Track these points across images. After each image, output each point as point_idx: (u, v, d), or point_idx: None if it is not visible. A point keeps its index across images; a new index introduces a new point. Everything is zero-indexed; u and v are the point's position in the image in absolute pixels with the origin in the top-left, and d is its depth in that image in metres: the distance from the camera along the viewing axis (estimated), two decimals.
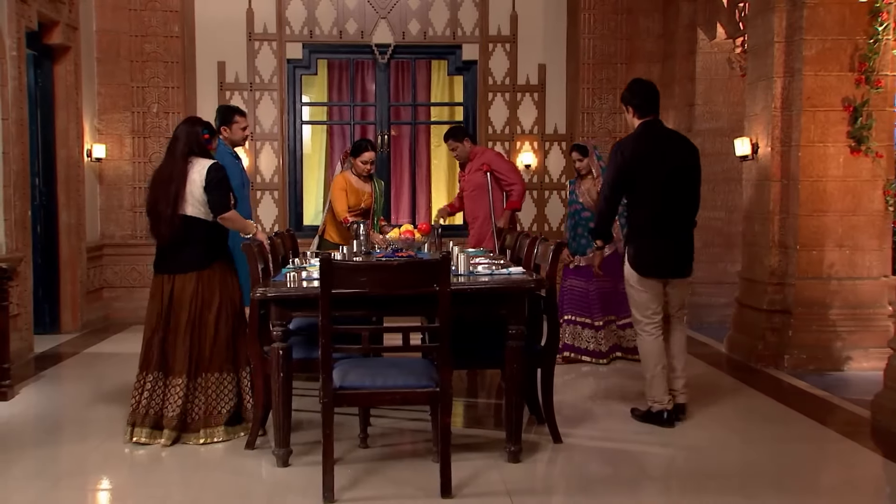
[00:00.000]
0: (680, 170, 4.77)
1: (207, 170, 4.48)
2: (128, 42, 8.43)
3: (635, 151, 4.70)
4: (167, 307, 4.47)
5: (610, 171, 4.78)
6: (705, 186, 8.05)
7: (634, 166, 4.68)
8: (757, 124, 6.56)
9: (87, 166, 8.14)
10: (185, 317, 4.45)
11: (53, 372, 6.30)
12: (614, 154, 4.77)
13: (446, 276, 3.68)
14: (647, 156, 4.70)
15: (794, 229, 6.24)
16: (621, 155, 4.72)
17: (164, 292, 4.48)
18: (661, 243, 4.73)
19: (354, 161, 6.34)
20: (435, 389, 3.76)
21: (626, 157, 4.69)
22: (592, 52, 8.70)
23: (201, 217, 4.49)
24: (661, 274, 4.76)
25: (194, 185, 4.46)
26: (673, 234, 4.75)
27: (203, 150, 4.60)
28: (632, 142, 4.77)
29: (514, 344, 4.04)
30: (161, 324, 4.46)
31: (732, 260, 7.96)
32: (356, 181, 6.35)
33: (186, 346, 4.43)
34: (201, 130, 4.63)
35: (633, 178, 4.70)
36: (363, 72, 9.52)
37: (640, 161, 4.68)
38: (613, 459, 4.28)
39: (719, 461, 4.25)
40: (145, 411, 4.44)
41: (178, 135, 4.58)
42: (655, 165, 4.69)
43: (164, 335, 4.46)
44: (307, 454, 4.22)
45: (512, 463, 4.10)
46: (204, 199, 4.46)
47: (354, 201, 6.31)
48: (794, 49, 6.19)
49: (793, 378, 5.95)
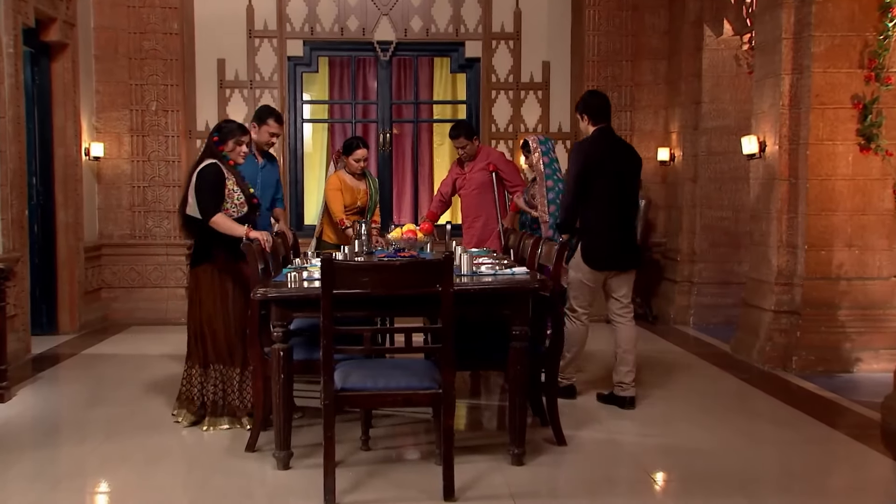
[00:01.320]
0: (627, 173, 5.35)
1: (197, 172, 4.71)
2: (126, 39, 8.45)
3: (594, 152, 5.24)
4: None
5: (574, 168, 5.24)
6: (712, 185, 8.21)
7: (592, 166, 5.19)
8: (764, 122, 6.57)
9: (85, 165, 8.16)
10: (190, 309, 4.80)
11: (51, 373, 6.31)
12: (577, 153, 5.30)
13: (449, 276, 3.69)
14: (603, 157, 5.23)
15: (803, 229, 6.24)
16: (584, 155, 5.23)
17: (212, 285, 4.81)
18: (614, 238, 5.20)
19: (347, 160, 6.41)
20: (438, 391, 3.77)
21: (588, 156, 5.22)
22: (597, 49, 8.70)
23: (197, 216, 4.70)
24: (612, 267, 5.23)
25: (191, 185, 4.71)
26: (622, 229, 5.27)
27: (214, 153, 4.78)
28: (590, 144, 5.31)
29: (517, 345, 4.05)
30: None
31: (739, 260, 7.97)
32: (350, 180, 6.41)
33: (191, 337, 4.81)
34: (213, 133, 4.84)
35: (592, 177, 5.18)
36: (365, 69, 9.53)
37: (597, 162, 5.20)
38: (618, 462, 4.29)
39: (726, 464, 4.26)
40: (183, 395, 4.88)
41: None
42: (609, 167, 5.23)
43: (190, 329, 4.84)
44: (308, 456, 4.23)
45: (516, 466, 4.11)
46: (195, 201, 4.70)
47: (350, 200, 6.35)
48: (803, 45, 6.20)
49: (801, 380, 5.95)
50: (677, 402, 5.45)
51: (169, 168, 8.54)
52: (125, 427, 4.83)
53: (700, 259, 8.31)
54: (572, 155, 5.35)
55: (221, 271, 4.74)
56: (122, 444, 4.52)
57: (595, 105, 5.36)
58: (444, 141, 9.90)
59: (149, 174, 8.57)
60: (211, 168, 4.70)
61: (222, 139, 4.82)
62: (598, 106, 5.36)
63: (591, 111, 5.34)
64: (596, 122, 5.33)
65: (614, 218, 5.22)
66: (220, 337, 4.71)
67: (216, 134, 4.84)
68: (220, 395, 4.74)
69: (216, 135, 4.84)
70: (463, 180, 6.93)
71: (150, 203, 8.57)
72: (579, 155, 5.25)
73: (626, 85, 8.76)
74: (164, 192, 8.56)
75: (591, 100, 5.41)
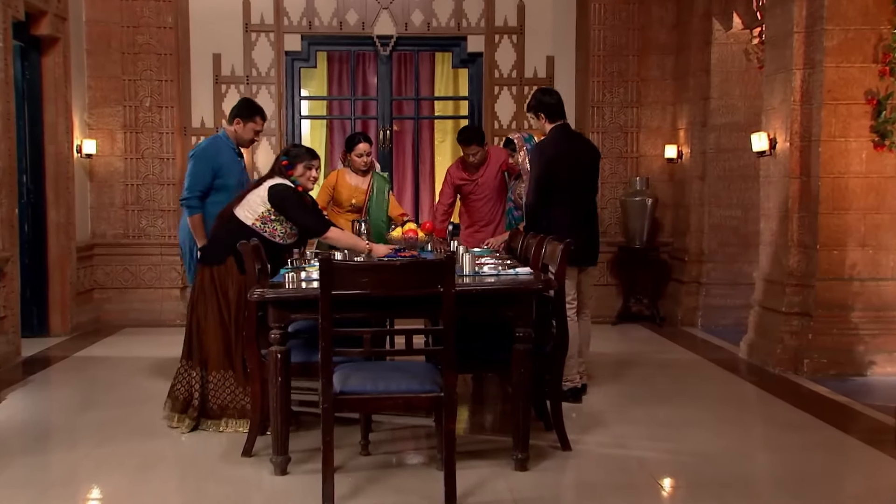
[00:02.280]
0: (590, 168, 5.60)
1: (269, 190, 4.74)
2: (119, 33, 8.45)
3: (555, 151, 5.40)
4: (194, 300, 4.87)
5: (537, 168, 5.40)
6: (721, 183, 8.20)
7: (557, 165, 5.36)
8: (775, 118, 6.56)
9: (77, 162, 8.16)
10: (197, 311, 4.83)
11: (42, 377, 6.31)
12: (539, 154, 5.45)
13: (451, 276, 3.68)
14: (567, 155, 5.42)
15: (815, 228, 6.23)
16: (546, 155, 5.40)
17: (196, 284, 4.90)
18: (582, 234, 5.34)
19: (350, 156, 6.42)
20: (439, 394, 3.76)
21: (551, 155, 5.38)
22: (603, 43, 8.69)
23: (242, 219, 4.75)
24: (580, 262, 5.42)
25: (256, 194, 4.77)
26: (589, 224, 5.54)
27: (283, 174, 4.85)
28: (552, 143, 5.46)
29: (521, 347, 4.04)
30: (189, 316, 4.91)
31: (749, 260, 7.96)
32: (352, 177, 6.44)
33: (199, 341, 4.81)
34: (282, 157, 4.90)
35: (555, 176, 5.35)
36: (364, 65, 9.54)
37: (561, 160, 5.38)
38: (625, 467, 4.28)
39: (736, 470, 4.24)
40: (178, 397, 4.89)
41: None
42: (573, 164, 5.44)
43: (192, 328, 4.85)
44: (306, 462, 4.22)
45: (519, 471, 4.10)
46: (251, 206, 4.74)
47: (346, 197, 6.36)
48: (815, 39, 6.18)
49: (813, 383, 5.94)
50: (685, 405, 5.44)
51: (163, 165, 8.54)
52: (118, 432, 4.82)
53: (708, 259, 8.30)
54: (533, 156, 5.49)
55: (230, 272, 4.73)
56: (114, 450, 4.52)
57: (550, 103, 5.53)
58: (446, 138, 9.91)
59: (143, 172, 8.57)
60: (286, 187, 4.77)
61: (291, 163, 4.85)
62: (553, 103, 5.53)
63: (546, 109, 5.51)
64: (553, 119, 5.51)
65: (582, 213, 5.47)
66: (220, 337, 4.71)
67: (285, 158, 4.88)
68: (217, 398, 4.73)
69: (285, 159, 4.87)
70: (473, 186, 6.77)
71: (144, 202, 8.58)
72: (540, 156, 5.41)
73: (632, 80, 8.76)
74: (159, 190, 8.56)
75: (545, 98, 5.56)
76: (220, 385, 4.74)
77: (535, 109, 5.59)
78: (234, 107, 5.63)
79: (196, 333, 4.76)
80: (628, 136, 8.83)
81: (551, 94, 5.62)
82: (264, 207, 4.73)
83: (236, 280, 4.68)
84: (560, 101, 5.58)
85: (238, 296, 4.68)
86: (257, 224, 4.73)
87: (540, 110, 5.54)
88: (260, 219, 4.74)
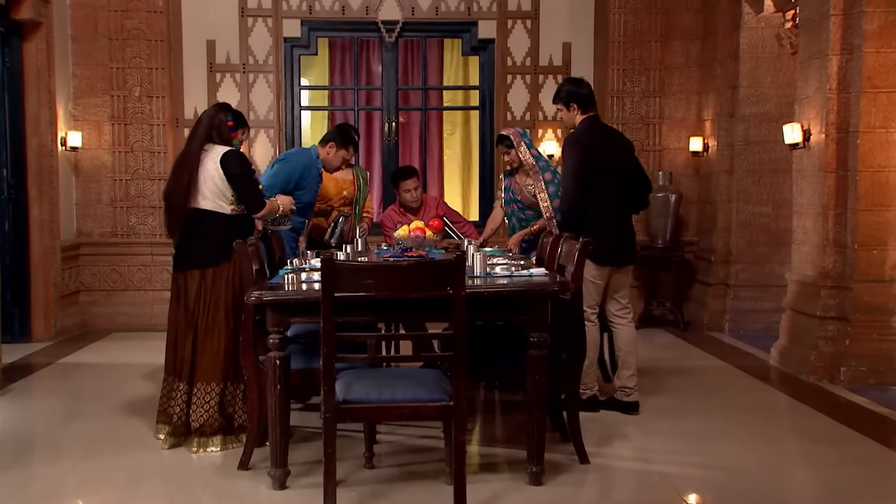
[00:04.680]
0: (627, 161, 5.54)
1: (221, 158, 4.66)
2: (106, 18, 8.47)
3: (592, 143, 5.37)
4: (184, 307, 4.70)
5: (574, 162, 5.34)
6: (750, 178, 8.18)
7: (596, 157, 5.34)
8: (809, 108, 6.53)
9: (62, 156, 8.19)
10: (192, 317, 4.67)
11: (23, 385, 6.32)
12: (572, 147, 5.38)
13: (461, 278, 3.68)
14: (604, 147, 5.41)
15: (852, 226, 6.21)
16: (584, 147, 5.34)
17: (181, 291, 4.72)
18: (618, 231, 5.44)
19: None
20: (448, 403, 3.76)
21: (589, 147, 5.34)
22: (623, 28, 8.68)
23: (218, 210, 4.68)
24: (617, 261, 5.45)
25: (207, 173, 4.66)
26: (623, 221, 5.54)
27: (224, 137, 4.78)
28: (587, 135, 5.43)
29: (535, 353, 4.04)
30: (176, 327, 4.72)
31: (781, 261, 7.94)
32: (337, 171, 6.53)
33: (189, 349, 4.67)
34: (226, 117, 4.82)
35: (595, 170, 5.32)
36: (368, 52, 9.54)
37: (599, 152, 5.36)
38: (647, 483, 4.27)
39: (766, 486, 4.23)
40: (168, 416, 4.74)
41: (200, 119, 4.85)
42: (611, 155, 5.42)
43: (179, 339, 4.71)
44: (307, 475, 4.22)
45: (534, 485, 4.10)
46: (219, 191, 4.67)
47: (336, 191, 6.43)
48: (854, 23, 6.16)
49: (850, 393, 5.92)
50: (712, 416, 5.43)
51: (154, 159, 8.56)
52: (105, 444, 4.82)
53: (737, 259, 8.28)
54: (568, 150, 5.43)
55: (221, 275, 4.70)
56: (101, 464, 4.52)
57: (583, 94, 5.50)
58: (455, 130, 9.91)
59: (132, 166, 8.59)
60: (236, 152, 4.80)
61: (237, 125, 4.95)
62: (587, 94, 5.51)
63: (580, 100, 5.48)
64: (586, 110, 5.49)
65: (616, 210, 5.45)
66: (224, 345, 4.68)
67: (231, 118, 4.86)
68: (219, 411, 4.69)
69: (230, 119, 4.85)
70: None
71: (134, 198, 8.60)
72: (577, 149, 5.35)
73: (654, 68, 8.74)
74: (149, 185, 8.58)
75: (578, 88, 5.53)
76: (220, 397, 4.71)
77: (565, 100, 5.53)
78: (332, 131, 6.18)
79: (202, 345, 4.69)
80: (650, 127, 8.81)
81: (583, 84, 5.58)
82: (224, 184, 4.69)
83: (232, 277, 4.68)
84: (592, 91, 5.57)
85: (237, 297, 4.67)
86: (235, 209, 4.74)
87: (573, 101, 5.49)
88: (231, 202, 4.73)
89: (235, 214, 4.74)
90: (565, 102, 5.53)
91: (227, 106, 4.96)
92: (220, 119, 4.80)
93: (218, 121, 4.79)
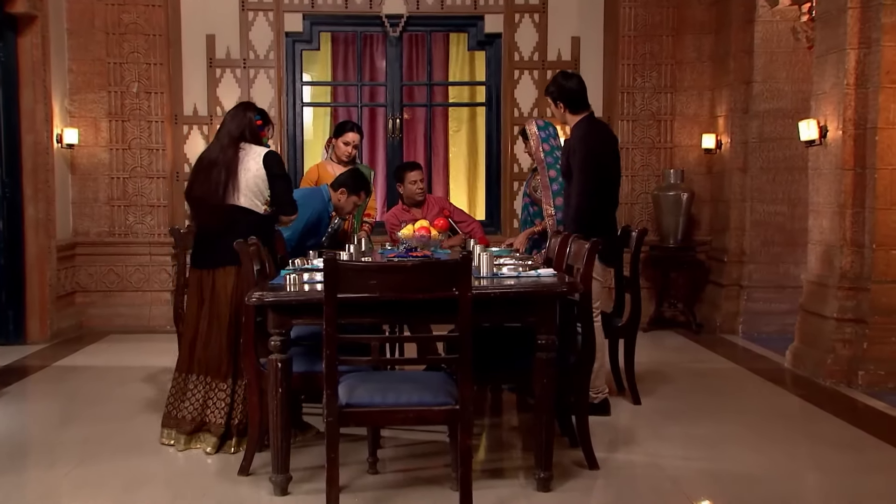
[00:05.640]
0: (617, 158, 5.52)
1: (265, 157, 4.78)
2: (103, 11, 8.49)
3: (598, 145, 5.30)
4: (209, 305, 4.73)
5: (585, 166, 5.21)
6: (764, 176, 8.17)
7: (606, 160, 5.33)
8: (826, 104, 6.52)
9: (58, 153, 8.21)
10: (226, 315, 4.69)
11: (18, 388, 6.34)
12: (587, 149, 5.24)
13: (467, 278, 3.68)
14: (605, 150, 5.36)
15: (870, 225, 6.19)
16: (594, 150, 5.25)
17: (205, 289, 4.77)
18: (616, 231, 5.56)
19: (336, 142, 6.63)
20: (454, 407, 3.76)
21: (599, 150, 5.28)
22: (634, 22, 8.68)
23: (252, 209, 4.76)
24: (618, 262, 5.59)
25: (249, 172, 4.76)
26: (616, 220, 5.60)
27: (255, 136, 4.89)
28: (592, 135, 5.32)
29: (543, 356, 4.04)
30: (202, 323, 4.75)
31: (796, 261, 7.93)
32: (335, 168, 6.61)
33: (225, 348, 4.69)
34: (254, 116, 4.91)
35: (608, 172, 5.33)
36: (372, 47, 9.54)
37: (608, 154, 5.36)
38: (658, 488, 4.26)
39: (781, 492, 4.22)
40: (179, 414, 4.75)
41: (227, 119, 4.93)
42: (613, 158, 5.41)
43: (205, 335, 4.73)
44: (309, 480, 4.22)
45: (541, 492, 4.09)
46: (258, 190, 4.76)
47: None
48: (872, 16, 6.14)
49: (868, 397, 5.91)
50: (725, 421, 5.42)
51: (152, 157, 8.57)
52: (102, 449, 4.84)
53: (750, 259, 8.27)
54: (578, 153, 5.28)
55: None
56: (98, 469, 4.53)
57: (573, 90, 5.34)
58: (461, 127, 9.91)
59: (129, 164, 8.61)
60: (275, 153, 4.97)
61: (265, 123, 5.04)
62: (576, 90, 5.34)
63: (567, 97, 5.34)
64: (576, 109, 5.37)
65: (615, 210, 5.53)
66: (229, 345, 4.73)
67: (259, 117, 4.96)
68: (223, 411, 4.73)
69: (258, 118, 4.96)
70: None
71: (132, 196, 8.62)
72: (589, 152, 5.25)
73: (666, 63, 8.74)
74: (147, 183, 8.60)
75: (567, 82, 5.38)
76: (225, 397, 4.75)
77: (553, 96, 5.42)
78: (345, 175, 6.02)
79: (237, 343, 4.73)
80: (661, 124, 8.80)
81: (574, 79, 5.44)
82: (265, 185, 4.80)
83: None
84: (583, 87, 5.41)
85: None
86: (268, 209, 4.85)
87: (560, 98, 5.38)
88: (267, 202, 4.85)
89: (266, 215, 4.84)
90: (553, 98, 5.43)
91: (252, 104, 5.07)
92: (250, 118, 4.89)
93: (248, 120, 4.88)
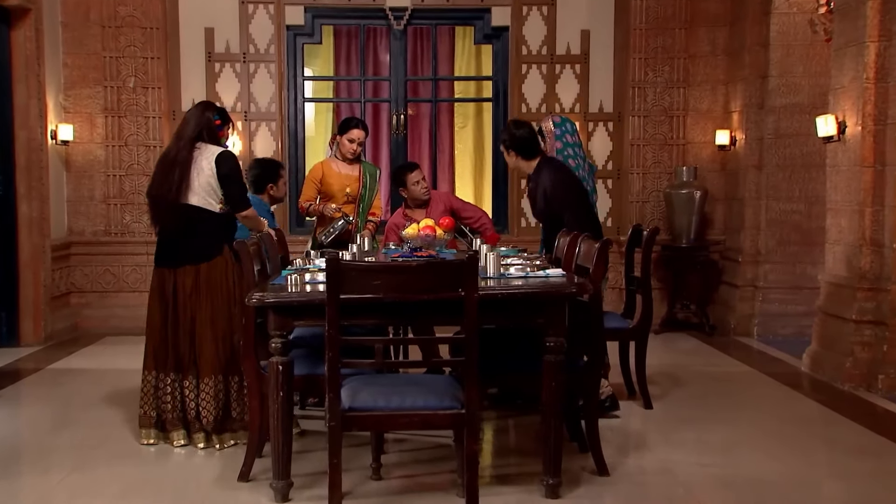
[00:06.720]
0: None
1: (217, 158, 4.89)
2: (98, 4, 8.49)
3: (571, 177, 5.58)
4: (172, 304, 4.88)
5: (576, 204, 5.51)
6: (781, 173, 8.16)
7: (581, 188, 5.59)
8: (845, 99, 6.51)
9: (52, 150, 8.22)
10: (187, 314, 4.86)
11: (11, 391, 6.35)
12: (569, 188, 5.53)
13: (473, 279, 3.69)
14: (577, 179, 5.62)
15: (890, 224, 6.18)
16: (574, 188, 5.55)
17: (167, 288, 4.90)
18: None
19: (341, 139, 6.65)
20: (460, 411, 3.77)
21: (579, 187, 5.57)
22: (645, 15, 8.67)
23: (207, 208, 4.88)
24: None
25: (202, 172, 4.88)
26: None
27: (213, 136, 5.00)
28: (561, 172, 5.56)
29: (552, 358, 4.04)
30: (164, 322, 4.92)
31: (813, 261, 7.92)
32: (340, 166, 6.63)
33: (188, 346, 4.87)
34: (213, 116, 5.03)
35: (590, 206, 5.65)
36: (375, 40, 9.55)
37: (578, 183, 5.59)
38: (670, 495, 4.26)
39: (797, 499, 4.22)
40: (152, 413, 4.92)
41: (187, 118, 5.08)
42: (582, 186, 5.64)
43: (169, 334, 4.91)
44: (310, 487, 4.23)
45: (550, 498, 4.09)
46: (211, 189, 4.88)
47: (339, 187, 6.48)
48: (893, 7, 6.12)
49: (889, 402, 5.90)
50: (740, 426, 5.42)
51: (149, 154, 8.57)
52: (97, 454, 4.85)
53: (766, 260, 8.26)
54: (563, 195, 5.51)
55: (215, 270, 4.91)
56: (93, 474, 4.54)
57: (525, 138, 5.62)
58: (467, 123, 9.92)
59: (126, 161, 8.62)
60: (230, 153, 5.08)
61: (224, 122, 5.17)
62: (529, 139, 5.63)
63: (521, 145, 5.61)
64: (530, 156, 5.63)
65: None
66: (223, 335, 4.86)
67: (218, 117, 5.08)
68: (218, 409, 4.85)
69: (217, 118, 5.08)
70: None
71: (128, 194, 8.64)
72: (571, 190, 5.52)
73: (678, 57, 8.73)
74: (144, 181, 8.45)
75: (519, 132, 5.65)
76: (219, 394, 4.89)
77: (506, 145, 5.66)
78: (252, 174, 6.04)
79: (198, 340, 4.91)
80: (674, 120, 8.80)
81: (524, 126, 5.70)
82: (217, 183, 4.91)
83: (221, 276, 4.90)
84: (533, 133, 5.67)
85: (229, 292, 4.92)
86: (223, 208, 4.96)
87: (512, 147, 5.63)
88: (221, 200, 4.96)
89: (222, 213, 4.95)
90: (506, 147, 5.68)
91: (212, 104, 5.21)
92: (208, 118, 5.02)
93: (206, 119, 5.00)
